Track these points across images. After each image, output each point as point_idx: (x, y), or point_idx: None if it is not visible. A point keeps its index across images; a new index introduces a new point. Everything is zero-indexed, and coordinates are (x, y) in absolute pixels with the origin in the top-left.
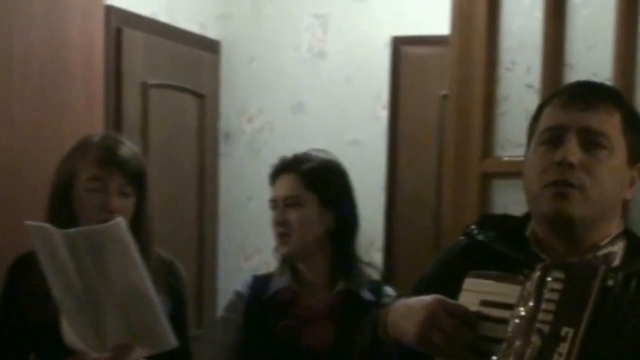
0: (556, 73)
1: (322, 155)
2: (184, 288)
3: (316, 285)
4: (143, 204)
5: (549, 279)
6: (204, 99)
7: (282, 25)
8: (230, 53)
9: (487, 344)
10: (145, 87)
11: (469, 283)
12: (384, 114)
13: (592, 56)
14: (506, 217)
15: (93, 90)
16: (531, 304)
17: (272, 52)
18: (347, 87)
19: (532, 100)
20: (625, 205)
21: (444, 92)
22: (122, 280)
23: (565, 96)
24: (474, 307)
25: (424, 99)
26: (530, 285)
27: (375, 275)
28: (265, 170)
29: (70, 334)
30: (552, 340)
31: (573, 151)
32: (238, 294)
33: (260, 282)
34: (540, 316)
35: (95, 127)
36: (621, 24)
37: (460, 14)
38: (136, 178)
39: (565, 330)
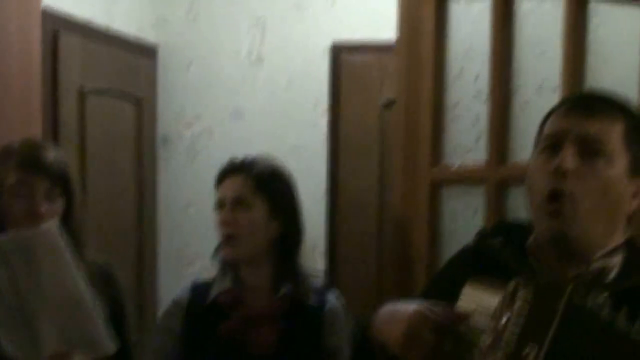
0: (505, 81)
1: (270, 161)
2: (121, 292)
3: (259, 290)
4: (71, 207)
5: (518, 298)
6: (141, 104)
7: (220, 30)
8: (167, 58)
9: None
10: (82, 93)
11: (466, 291)
12: (324, 120)
13: (541, 64)
14: (518, 225)
15: (31, 97)
16: (503, 319)
17: (210, 57)
18: (287, 92)
19: (481, 108)
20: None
21: (386, 98)
22: (55, 287)
23: (569, 104)
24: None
25: (365, 105)
26: (502, 302)
27: (318, 283)
28: (204, 176)
29: (6, 344)
30: (515, 356)
31: (568, 158)
32: (175, 301)
33: (200, 288)
34: (509, 330)
35: (33, 133)
36: (569, 32)
37: (407, 21)
38: (62, 181)
39: (530, 346)
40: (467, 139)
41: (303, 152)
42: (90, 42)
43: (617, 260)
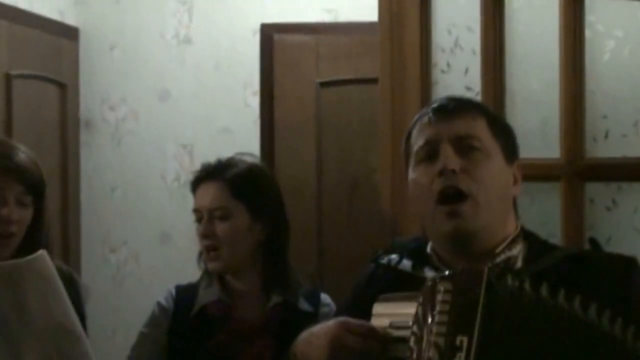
0: (498, 75)
1: (247, 159)
2: (81, 297)
3: (249, 297)
4: (41, 214)
5: (438, 290)
6: (65, 88)
7: (145, 11)
8: (89, 40)
9: None
10: (8, 78)
11: (377, 308)
12: (255, 102)
13: (536, 60)
14: (408, 240)
15: None
16: (427, 319)
17: (134, 39)
18: (216, 74)
19: None
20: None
21: (320, 79)
22: (44, 318)
23: (429, 112)
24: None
25: (299, 86)
26: (423, 299)
27: (308, 285)
28: (131, 160)
29: None
30: (448, 351)
31: (451, 158)
32: (161, 308)
33: (185, 295)
34: (435, 329)
35: None
36: (566, 27)
37: (390, 13)
38: (35, 187)
39: (460, 339)
40: None
41: (234, 135)
42: (15, 26)
43: (518, 250)
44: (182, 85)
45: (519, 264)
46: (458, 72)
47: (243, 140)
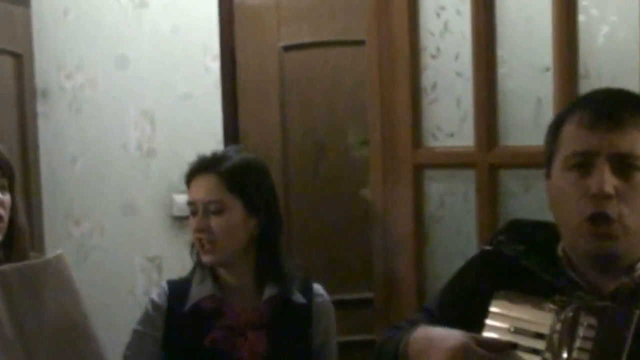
0: (489, 61)
1: (242, 153)
2: None
3: (242, 291)
4: (14, 198)
5: (581, 323)
6: (20, 58)
7: None
8: (42, 5)
9: None
10: None
11: (498, 306)
12: (215, 66)
13: (530, 43)
14: (535, 227)
15: None
16: (563, 350)
17: (88, 2)
18: (173, 38)
19: (463, 88)
20: None
21: (283, 43)
22: (60, 319)
23: (589, 114)
24: (505, 333)
25: (261, 50)
26: (562, 327)
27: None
28: (90, 129)
29: None
30: None
31: (608, 181)
32: (155, 305)
33: (177, 290)
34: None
35: None
36: (559, 11)
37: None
38: (8, 169)
39: None
40: (448, 120)
41: (195, 100)
42: None
43: None
44: (139, 50)
45: None
46: (448, 57)
47: (205, 105)
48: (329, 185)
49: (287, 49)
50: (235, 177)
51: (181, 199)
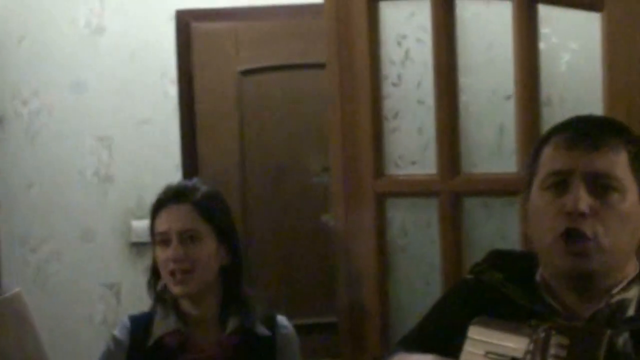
0: (451, 88)
1: (204, 183)
2: None
3: (206, 324)
4: None
5: (553, 343)
6: None
7: (54, 0)
8: None
9: None
10: None
11: (474, 331)
12: (173, 91)
13: (492, 70)
14: (515, 256)
15: None
16: None
17: (44, 29)
18: (131, 63)
19: (425, 116)
20: None
21: (241, 67)
22: (18, 355)
23: (567, 135)
24: (481, 358)
25: (219, 74)
26: (534, 347)
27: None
28: (46, 155)
29: None
30: None
31: (582, 199)
32: (117, 341)
33: (140, 325)
34: None
35: None
36: (520, 37)
37: (337, 24)
38: None
39: None
40: (411, 149)
41: (154, 125)
42: None
43: (634, 292)
44: (96, 76)
45: (631, 309)
46: (410, 85)
47: (163, 131)
48: (288, 210)
49: (245, 73)
50: (208, 206)
51: (139, 225)
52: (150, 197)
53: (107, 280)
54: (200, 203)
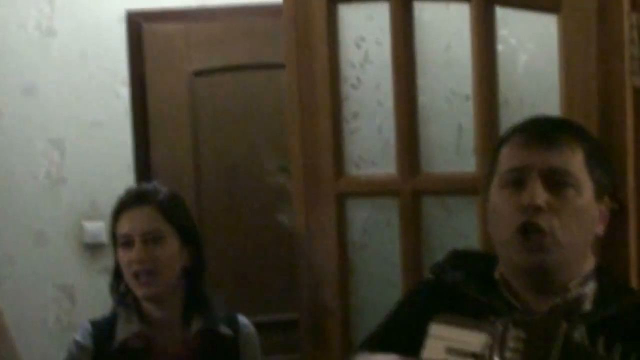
0: (409, 90)
1: (163, 185)
2: None
3: (169, 325)
4: None
5: (510, 337)
6: None
7: (2, 2)
8: None
9: None
10: None
11: (435, 329)
12: (125, 92)
13: (450, 72)
14: (475, 256)
15: None
16: None
17: None
18: (82, 65)
19: (385, 117)
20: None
21: (194, 68)
22: None
23: (525, 134)
24: (439, 354)
25: (172, 75)
26: (492, 341)
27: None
28: None
29: None
30: None
31: (539, 193)
32: (80, 346)
33: (102, 329)
34: None
35: None
36: (477, 39)
37: (295, 31)
38: None
39: None
40: (371, 149)
41: (106, 127)
42: None
43: (590, 287)
44: (47, 78)
45: (588, 303)
46: (369, 87)
47: (115, 132)
48: (243, 210)
49: (198, 74)
50: (170, 208)
51: (92, 226)
52: (103, 199)
53: (60, 282)
54: (162, 204)
